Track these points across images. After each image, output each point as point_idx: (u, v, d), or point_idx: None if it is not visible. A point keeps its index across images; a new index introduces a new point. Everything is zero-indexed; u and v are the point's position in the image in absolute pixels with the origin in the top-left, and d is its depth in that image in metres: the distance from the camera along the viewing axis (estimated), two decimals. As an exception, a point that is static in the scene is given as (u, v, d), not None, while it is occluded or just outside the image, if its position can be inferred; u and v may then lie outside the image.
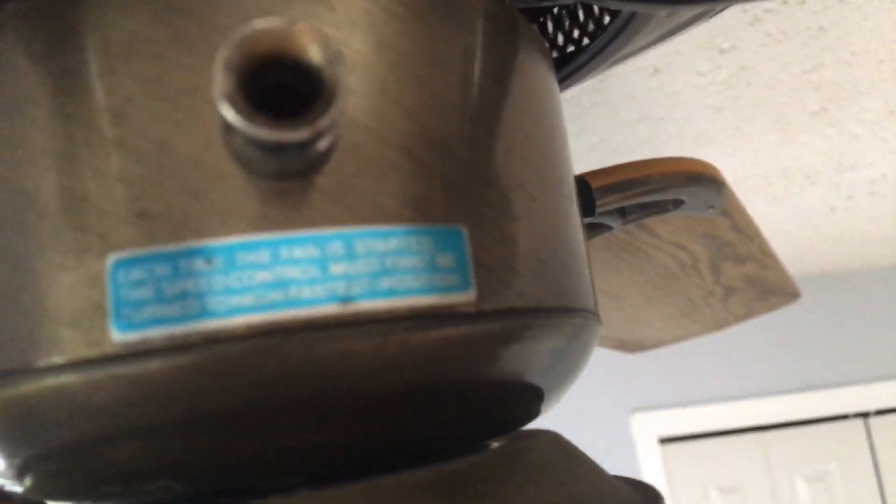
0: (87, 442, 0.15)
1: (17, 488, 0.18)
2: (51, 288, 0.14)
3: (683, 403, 1.98)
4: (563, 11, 0.32)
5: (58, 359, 0.13)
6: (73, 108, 0.14)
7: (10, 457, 0.16)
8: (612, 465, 1.92)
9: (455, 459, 0.16)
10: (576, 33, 0.32)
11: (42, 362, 0.14)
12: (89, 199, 0.14)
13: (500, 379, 0.17)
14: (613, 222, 0.45)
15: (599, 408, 1.95)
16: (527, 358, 0.17)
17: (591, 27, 0.31)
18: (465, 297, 0.15)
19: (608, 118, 0.95)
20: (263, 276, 0.13)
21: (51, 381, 0.14)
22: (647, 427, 1.95)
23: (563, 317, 0.17)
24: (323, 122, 0.12)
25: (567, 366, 0.19)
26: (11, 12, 0.15)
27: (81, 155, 0.14)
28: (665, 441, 1.96)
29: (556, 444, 0.19)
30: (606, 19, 0.30)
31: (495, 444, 0.20)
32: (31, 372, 0.14)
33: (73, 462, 0.16)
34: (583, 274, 0.19)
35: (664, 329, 0.77)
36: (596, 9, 0.30)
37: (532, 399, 0.19)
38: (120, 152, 0.14)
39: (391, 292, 0.14)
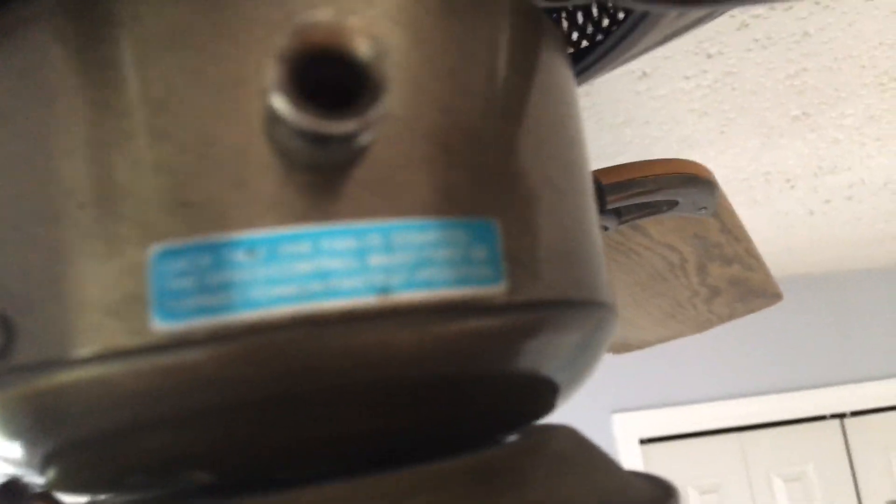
0: (121, 432, 0.15)
1: (38, 479, 0.18)
2: (91, 278, 0.14)
3: (663, 404, 2.00)
4: (565, 14, 0.32)
5: (98, 348, 0.13)
6: (114, 98, 0.14)
7: (36, 447, 0.16)
8: (593, 465, 1.92)
9: (482, 450, 0.16)
10: (575, 35, 0.32)
11: (82, 352, 0.14)
12: (130, 190, 0.14)
13: (525, 371, 0.17)
14: (609, 223, 0.46)
15: (580, 408, 1.96)
16: (551, 350, 0.17)
17: (590, 30, 0.31)
18: (497, 289, 0.15)
19: (595, 121, 0.96)
20: (304, 267, 0.14)
21: (91, 371, 0.14)
22: (628, 428, 1.97)
23: (587, 309, 0.17)
24: (371, 116, 0.12)
25: (585, 359, 0.19)
26: (48, 5, 0.15)
27: (122, 145, 0.14)
28: (645, 441, 1.98)
29: (573, 437, 0.20)
30: (606, 21, 0.30)
31: (512, 438, 0.20)
32: (70, 362, 0.14)
33: (103, 452, 0.15)
34: (602, 268, 0.19)
35: (649, 330, 0.78)
36: (596, 10, 0.31)
37: (549, 393, 0.19)
38: (162, 143, 0.14)
39: (428, 284, 0.14)
